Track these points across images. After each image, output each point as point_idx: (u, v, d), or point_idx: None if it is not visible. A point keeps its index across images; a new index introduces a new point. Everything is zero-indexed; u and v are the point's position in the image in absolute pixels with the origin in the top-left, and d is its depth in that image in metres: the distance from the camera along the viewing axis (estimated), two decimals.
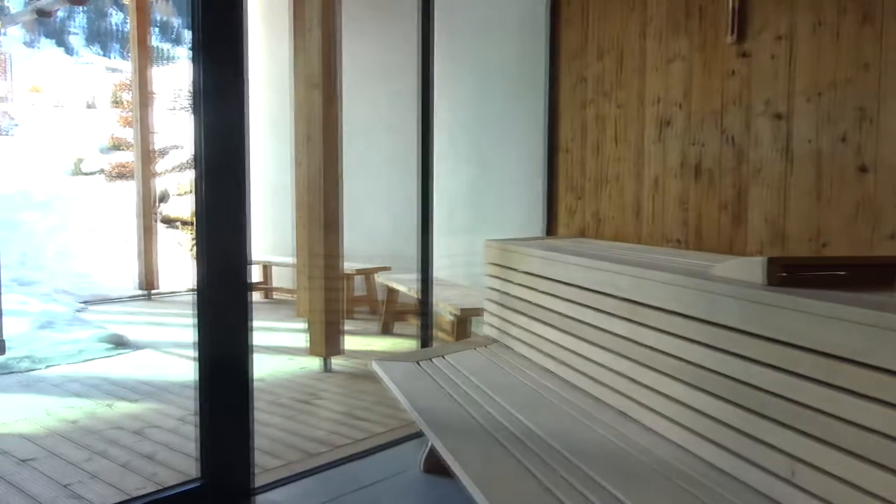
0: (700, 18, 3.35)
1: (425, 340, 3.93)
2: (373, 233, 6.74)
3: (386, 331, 5.99)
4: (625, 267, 2.58)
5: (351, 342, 5.28)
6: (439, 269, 4.31)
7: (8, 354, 4.94)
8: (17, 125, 15.60)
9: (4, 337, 4.74)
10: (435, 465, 2.97)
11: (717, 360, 2.07)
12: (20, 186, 10.94)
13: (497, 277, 3.66)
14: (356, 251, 6.35)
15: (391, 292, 5.95)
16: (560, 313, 3.02)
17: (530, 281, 3.30)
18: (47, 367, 4.96)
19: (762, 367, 1.89)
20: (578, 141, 4.10)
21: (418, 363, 3.26)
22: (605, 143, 3.91)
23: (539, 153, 4.36)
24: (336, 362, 4.91)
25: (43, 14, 9.09)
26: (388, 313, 6.00)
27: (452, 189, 5.30)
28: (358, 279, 6.64)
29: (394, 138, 6.51)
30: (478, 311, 4.31)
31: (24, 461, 3.27)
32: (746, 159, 3.15)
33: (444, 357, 3.37)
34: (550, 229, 4.31)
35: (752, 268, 2.05)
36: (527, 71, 4.51)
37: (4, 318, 4.80)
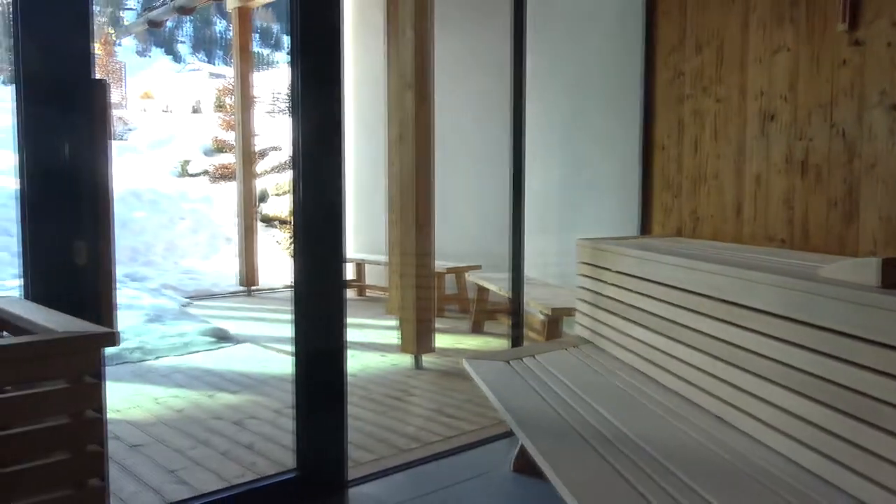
0: (807, 7, 3.18)
1: (516, 340, 3.91)
2: (464, 232, 6.77)
3: (476, 329, 6.00)
4: (725, 267, 2.49)
5: (442, 340, 5.32)
6: (530, 268, 4.27)
7: (121, 346, 5.25)
8: (130, 130, 16.55)
9: (118, 329, 5.04)
10: (525, 466, 2.95)
11: (823, 365, 1.97)
12: (132, 186, 11.59)
13: (589, 277, 3.60)
14: (447, 250, 6.40)
15: (482, 291, 5.95)
16: (655, 314, 2.95)
17: (624, 281, 3.23)
18: (156, 358, 5.24)
19: (874, 373, 1.78)
20: (675, 137, 3.98)
21: (509, 362, 3.25)
22: (704, 139, 3.78)
23: (634, 150, 4.26)
24: (427, 360, 4.96)
25: (154, 24, 9.60)
26: (478, 312, 6.01)
27: (544, 187, 5.25)
28: (449, 278, 6.68)
29: (486, 137, 6.51)
30: (569, 311, 4.26)
31: (134, 446, 3.46)
32: (859, 154, 2.97)
33: (534, 357, 3.34)
34: (645, 228, 4.21)
35: (864, 269, 1.94)
36: (622, 66, 4.41)
37: (118, 312, 5.10)
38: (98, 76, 2.30)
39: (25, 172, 2.15)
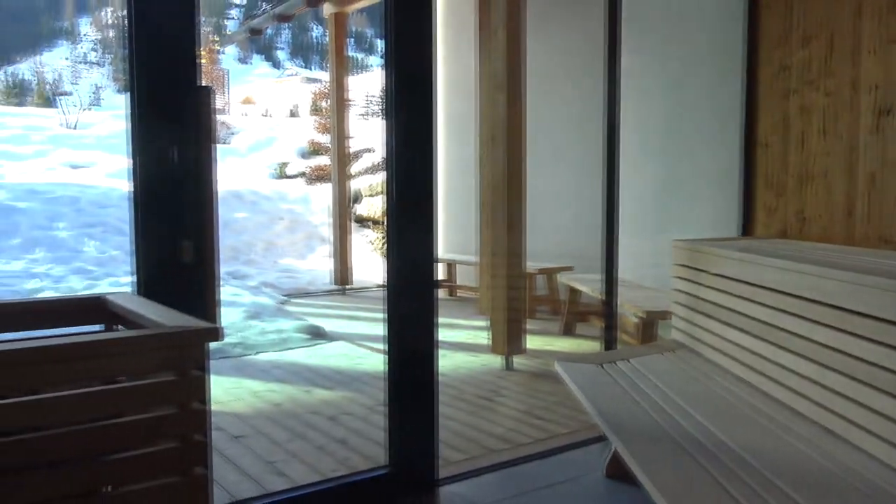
0: None
1: (609, 342, 3.84)
2: (555, 232, 6.70)
3: (568, 331, 5.93)
4: (834, 271, 2.36)
5: (532, 341, 5.28)
6: (624, 270, 4.18)
7: (223, 341, 5.47)
8: (232, 134, 17.27)
9: (221, 325, 5.26)
10: (618, 471, 2.89)
11: None
12: (233, 188, 12.08)
13: (686, 280, 3.49)
14: (538, 250, 6.34)
15: (573, 292, 5.87)
16: (757, 319, 2.82)
17: (724, 284, 3.11)
18: (256, 353, 5.44)
19: None
20: (779, 134, 3.80)
21: (601, 365, 3.19)
22: (811, 135, 3.59)
23: (734, 148, 4.10)
24: (517, 361, 4.93)
25: (254, 32, 9.98)
26: (570, 314, 5.94)
27: (639, 187, 5.13)
28: (540, 279, 6.62)
29: (579, 136, 6.42)
30: (664, 315, 4.14)
31: (235, 437, 3.60)
32: None
33: (628, 360, 3.27)
34: (747, 229, 4.04)
35: None
36: (722, 61, 4.25)
37: (221, 308, 5.32)
38: (203, 83, 2.41)
39: (137, 175, 2.27)
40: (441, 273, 7.81)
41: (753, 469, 2.05)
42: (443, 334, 3.08)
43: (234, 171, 14.15)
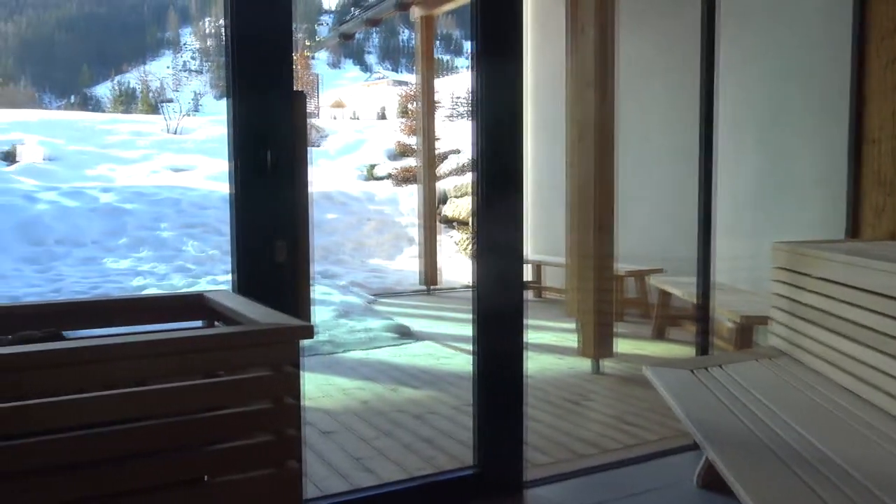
0: None
1: (703, 348, 3.71)
2: (647, 234, 6.54)
3: (659, 335, 5.77)
4: None
5: (622, 345, 5.17)
6: (719, 273, 4.03)
7: (314, 338, 5.61)
8: (323, 137, 17.73)
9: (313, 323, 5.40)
10: (712, 482, 2.79)
11: None
12: (324, 189, 12.40)
13: (787, 283, 3.33)
14: (628, 252, 6.21)
15: (665, 295, 5.72)
16: (864, 326, 2.66)
17: (828, 288, 2.95)
18: (345, 351, 5.55)
19: None
20: (890, 130, 3.58)
21: (694, 371, 3.09)
22: None
23: (840, 145, 3.88)
24: (606, 365, 4.84)
25: (345, 37, 10.20)
26: (661, 317, 5.78)
27: (736, 186, 4.94)
28: (630, 281, 6.48)
29: (672, 134, 6.25)
30: (762, 320, 3.97)
31: (325, 433, 3.69)
32: None
33: (722, 367, 3.15)
34: (853, 231, 3.82)
35: None
36: (827, 53, 4.04)
37: (312, 307, 5.47)
38: (297, 88, 2.47)
39: (236, 178, 2.36)
40: (529, 274, 7.77)
41: (858, 484, 1.93)
42: (530, 336, 3.05)
43: (325, 173, 14.51)
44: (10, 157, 13.34)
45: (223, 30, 2.38)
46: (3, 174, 12.32)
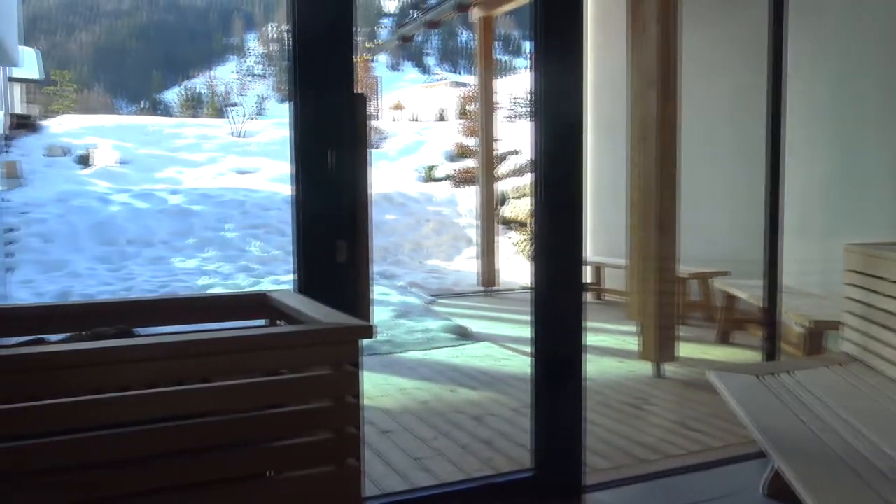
0: None
1: (770, 353, 3.60)
2: (711, 235, 6.39)
3: (723, 340, 5.63)
4: None
5: (685, 349, 5.06)
6: (788, 276, 3.90)
7: (373, 338, 5.68)
8: (383, 139, 17.90)
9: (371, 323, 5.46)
10: (779, 491, 2.70)
11: None
12: (384, 190, 12.52)
13: (860, 287, 3.21)
14: (692, 254, 6.08)
15: (730, 298, 5.57)
16: None
17: None
18: (403, 351, 5.59)
19: None
20: None
21: (761, 377, 3.00)
22: None
23: None
24: (668, 369, 4.74)
25: (405, 39, 10.27)
26: (726, 321, 5.63)
27: (806, 186, 4.78)
28: (693, 283, 6.34)
29: (737, 133, 6.09)
30: (833, 325, 3.83)
31: (384, 432, 3.72)
32: None
33: (790, 373, 3.05)
34: None
35: None
36: None
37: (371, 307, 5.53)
38: (357, 91, 2.50)
39: (298, 180, 2.40)
40: (588, 276, 7.68)
41: None
42: (589, 338, 3.02)
43: (384, 175, 14.65)
44: (85, 161, 13.91)
45: (286, 34, 2.43)
46: (79, 177, 12.86)
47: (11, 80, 16.39)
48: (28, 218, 10.36)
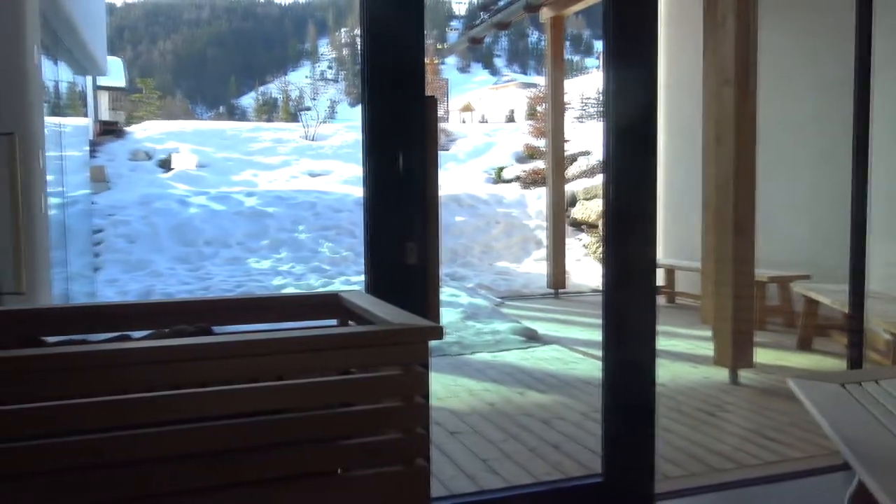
0: None
1: (855, 361, 3.44)
2: (791, 237, 6.16)
3: (804, 346, 5.41)
4: None
5: (762, 355, 4.89)
6: (874, 280, 3.73)
7: (442, 340, 5.70)
8: (452, 141, 17.97)
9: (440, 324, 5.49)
10: None
11: None
12: (452, 192, 12.56)
13: None
14: (770, 257, 5.87)
15: (811, 304, 5.36)
16: None
17: None
18: (471, 353, 5.60)
19: None
20: None
21: (844, 386, 2.87)
22: None
23: None
24: (744, 375, 4.59)
25: (474, 42, 10.29)
26: (806, 327, 5.42)
27: (893, 186, 4.55)
28: (772, 287, 6.12)
29: (820, 133, 5.85)
30: None
31: (452, 433, 3.73)
32: None
33: (877, 382, 2.90)
34: None
35: None
36: None
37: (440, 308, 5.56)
38: (427, 93, 2.52)
39: (369, 182, 2.44)
40: (660, 279, 7.52)
41: None
42: (661, 343, 2.95)
43: (453, 177, 14.70)
44: (166, 165, 14.48)
45: (358, 39, 2.46)
46: (160, 180, 13.39)
47: (99, 88, 17.20)
48: (114, 220, 10.85)
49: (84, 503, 1.46)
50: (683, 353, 5.34)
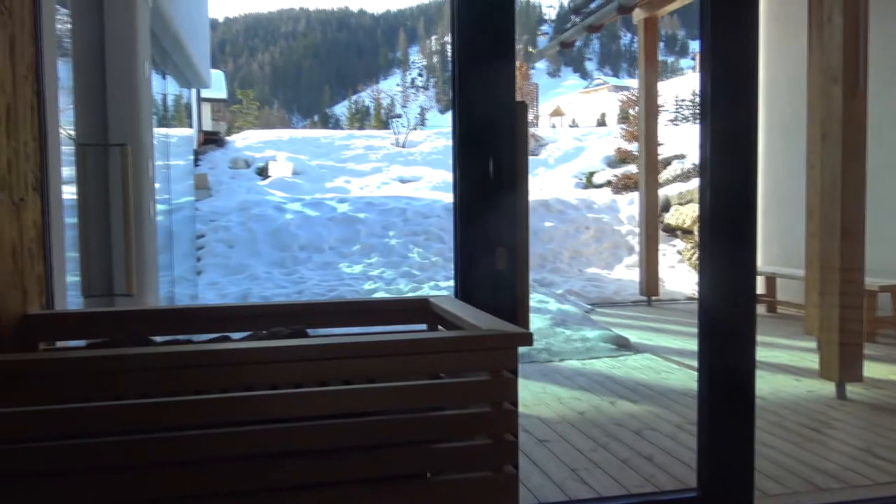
0: None
1: None
2: None
3: None
4: None
5: (873, 369, 4.61)
6: None
7: (531, 346, 5.66)
8: (541, 146, 17.85)
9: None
10: None
11: None
12: (541, 198, 12.47)
13: None
14: (882, 264, 5.53)
15: None
16: None
17: None
18: (560, 360, 5.53)
19: None
20: None
21: None
22: None
23: None
24: (853, 390, 4.34)
25: (565, 45, 10.19)
26: None
27: None
28: (883, 297, 5.77)
29: None
30: None
31: (541, 441, 3.69)
32: None
33: None
34: None
35: None
36: None
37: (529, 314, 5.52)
38: (517, 98, 2.51)
39: (459, 187, 2.45)
40: (760, 287, 7.21)
41: None
42: (761, 354, 2.83)
43: (542, 182, 14.60)
44: (263, 173, 15.03)
45: (448, 46, 2.48)
46: (258, 187, 13.91)
47: (202, 100, 18.05)
48: (214, 225, 11.35)
49: (182, 495, 1.53)
50: (785, 365, 5.10)
